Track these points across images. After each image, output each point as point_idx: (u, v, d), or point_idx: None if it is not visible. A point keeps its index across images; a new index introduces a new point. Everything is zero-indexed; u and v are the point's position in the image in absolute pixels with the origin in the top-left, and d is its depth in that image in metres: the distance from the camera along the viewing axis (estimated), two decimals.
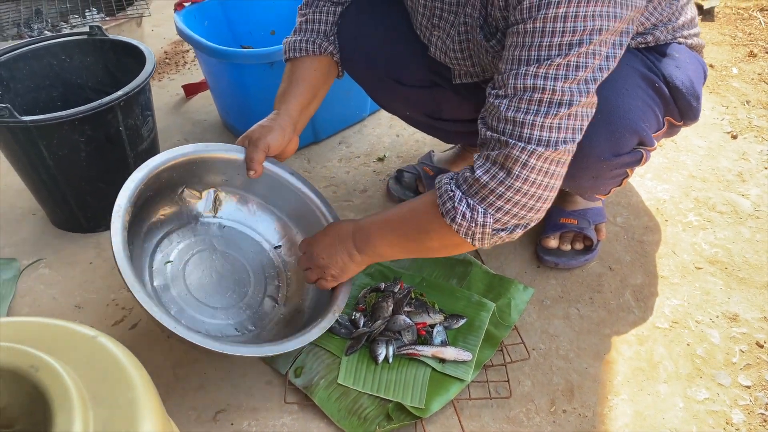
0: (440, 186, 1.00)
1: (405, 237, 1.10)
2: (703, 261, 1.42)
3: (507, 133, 0.91)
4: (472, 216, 0.95)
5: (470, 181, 0.95)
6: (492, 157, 0.92)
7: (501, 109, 0.91)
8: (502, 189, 0.92)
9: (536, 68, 0.87)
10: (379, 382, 1.15)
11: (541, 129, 0.89)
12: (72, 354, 0.59)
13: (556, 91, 0.87)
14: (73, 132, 1.37)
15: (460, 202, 0.95)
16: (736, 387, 1.16)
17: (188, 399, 1.18)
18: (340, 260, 1.17)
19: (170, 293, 1.22)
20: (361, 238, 1.14)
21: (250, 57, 1.59)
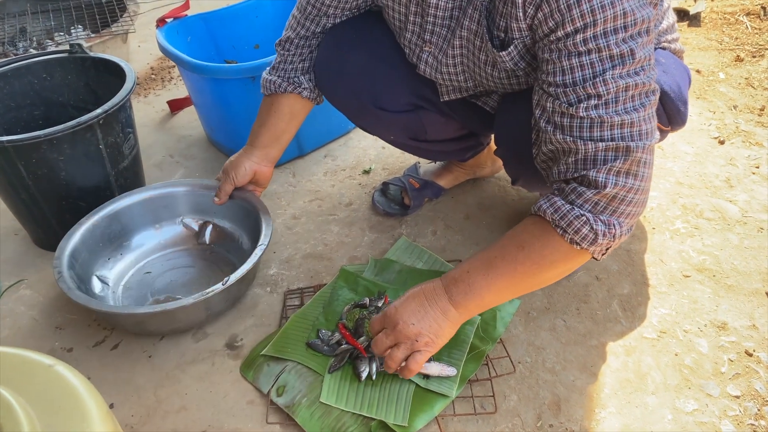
0: (562, 214, 0.92)
1: (519, 277, 0.98)
2: (690, 269, 1.41)
3: (621, 137, 0.89)
4: (610, 232, 0.91)
5: (595, 200, 0.91)
6: (616, 167, 0.89)
7: (606, 117, 0.89)
8: (631, 195, 0.91)
9: (621, 68, 0.87)
10: (362, 400, 1.13)
11: (646, 122, 0.90)
12: (27, 384, 0.57)
13: (646, 83, 0.89)
14: (51, 151, 1.35)
15: (596, 223, 0.91)
16: (725, 397, 1.14)
17: (169, 421, 1.16)
18: (434, 323, 1.02)
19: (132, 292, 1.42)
20: (461, 292, 1.00)
21: (230, 72, 1.58)
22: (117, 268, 1.45)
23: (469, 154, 1.55)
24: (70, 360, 1.29)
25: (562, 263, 0.98)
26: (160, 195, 1.50)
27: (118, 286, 1.42)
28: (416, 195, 1.61)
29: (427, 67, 1.18)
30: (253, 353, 1.25)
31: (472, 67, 1.12)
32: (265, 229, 1.34)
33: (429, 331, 1.02)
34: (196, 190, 1.51)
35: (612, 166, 0.90)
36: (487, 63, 1.08)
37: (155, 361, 1.27)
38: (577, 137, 0.91)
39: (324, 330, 1.25)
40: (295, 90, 1.31)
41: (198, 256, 1.51)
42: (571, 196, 0.93)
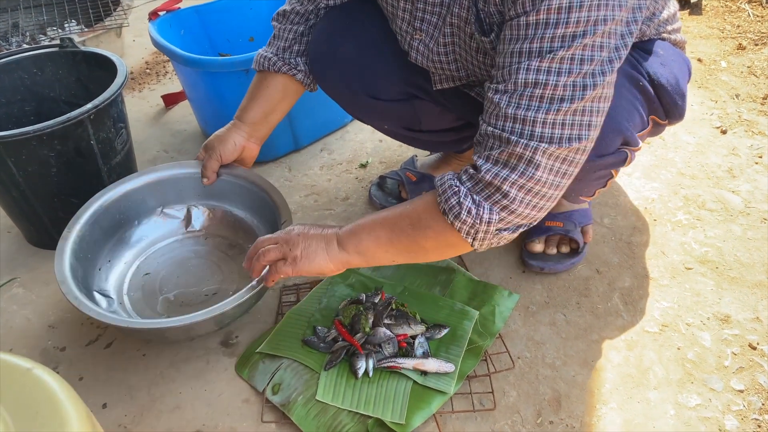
0: (443, 183, 0.94)
1: (396, 234, 1.00)
2: (693, 261, 1.38)
3: (508, 129, 0.87)
4: (478, 212, 0.89)
5: (476, 179, 0.90)
6: (494, 156, 0.88)
7: (501, 106, 0.87)
8: (506, 187, 0.88)
9: (538, 62, 0.83)
10: (358, 398, 1.11)
11: (544, 125, 0.85)
12: (3, 387, 0.55)
13: (558, 86, 0.83)
14: (41, 147, 1.33)
15: (465, 197, 0.90)
16: (729, 391, 1.12)
17: (163, 420, 1.14)
18: (313, 243, 1.04)
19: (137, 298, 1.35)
20: (346, 232, 1.04)
21: (224, 65, 1.56)
22: (112, 277, 1.37)
23: (466, 146, 1.53)
24: (63, 359, 1.27)
25: (434, 232, 0.96)
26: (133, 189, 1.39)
27: (122, 295, 1.34)
28: (413, 188, 1.58)
29: (418, 55, 1.16)
30: (248, 351, 1.23)
31: (464, 56, 1.09)
32: (282, 207, 1.30)
33: (306, 248, 1.04)
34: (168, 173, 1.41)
35: (491, 153, 0.89)
36: (478, 51, 1.05)
37: (149, 360, 1.25)
38: (481, 116, 0.92)
39: (320, 327, 1.23)
40: (289, 71, 1.26)
41: (193, 244, 1.45)
42: (461, 172, 0.94)
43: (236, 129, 1.31)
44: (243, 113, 1.31)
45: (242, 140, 1.31)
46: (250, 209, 1.43)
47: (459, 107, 1.32)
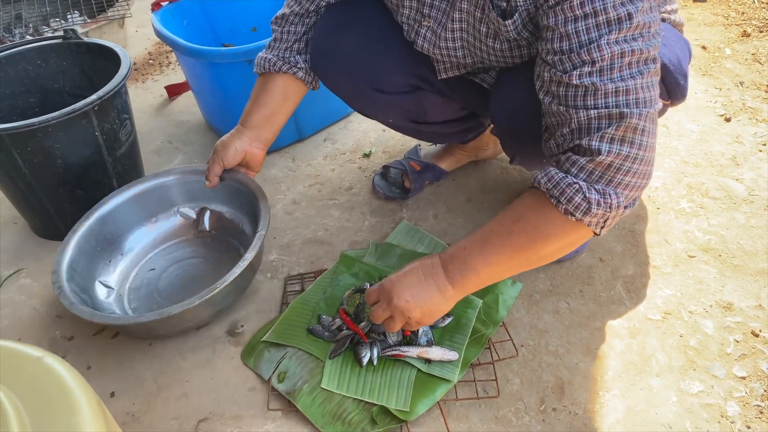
0: (555, 183, 0.90)
1: (515, 251, 0.95)
2: (696, 249, 1.39)
3: (616, 104, 0.86)
4: (606, 201, 0.87)
5: (589, 168, 0.88)
6: (610, 134, 0.86)
7: (599, 85, 0.85)
8: (628, 164, 0.87)
9: (617, 33, 0.84)
10: (363, 386, 1.12)
11: (644, 90, 0.86)
12: (15, 376, 0.56)
13: (643, 51, 0.85)
14: (46, 139, 1.34)
15: (589, 191, 0.87)
16: (731, 378, 1.13)
17: (170, 408, 1.16)
18: (429, 300, 1.01)
19: (139, 293, 1.39)
20: (457, 269, 0.99)
21: (226, 55, 1.56)
22: (119, 270, 1.40)
23: (471, 136, 1.53)
24: (71, 348, 1.29)
25: (558, 236, 0.94)
26: (150, 188, 1.44)
27: (124, 288, 1.38)
28: (417, 178, 1.59)
29: (425, 43, 1.15)
30: (254, 340, 1.25)
31: (472, 41, 1.09)
32: (263, 215, 1.29)
33: (422, 308, 1.01)
34: (187, 177, 1.46)
35: (605, 132, 0.86)
36: (488, 35, 1.04)
37: (156, 349, 1.27)
38: (571, 106, 0.89)
39: (325, 316, 1.24)
40: (289, 70, 1.27)
41: (200, 245, 1.48)
42: (566, 165, 0.90)
43: (239, 134, 1.31)
44: (246, 118, 1.31)
45: (244, 145, 1.31)
46: (247, 214, 1.43)
47: (464, 96, 1.32)
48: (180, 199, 1.49)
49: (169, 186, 1.47)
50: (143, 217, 1.46)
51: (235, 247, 1.45)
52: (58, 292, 1.19)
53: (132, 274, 1.42)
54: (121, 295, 1.37)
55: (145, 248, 1.46)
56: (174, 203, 1.49)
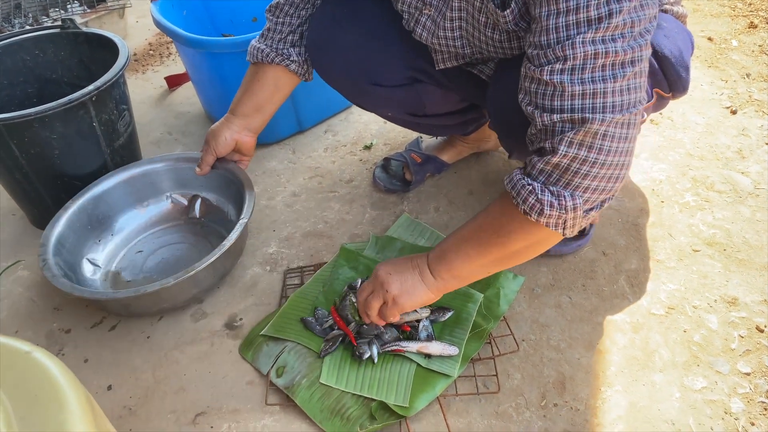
0: (513, 184, 0.91)
1: (484, 247, 0.98)
2: (700, 243, 1.37)
3: (580, 108, 0.83)
4: (560, 203, 0.87)
5: (547, 171, 0.87)
6: (568, 138, 0.84)
7: (566, 84, 0.83)
8: (586, 168, 0.85)
9: (593, 33, 0.80)
10: (362, 381, 1.11)
11: (613, 95, 0.83)
12: (3, 371, 0.55)
13: (619, 53, 0.81)
14: (43, 129, 1.32)
15: (542, 193, 0.87)
16: (735, 374, 1.11)
17: (168, 402, 1.14)
18: (409, 279, 1.04)
19: (123, 272, 1.41)
20: (435, 258, 1.03)
21: (226, 45, 1.54)
22: (107, 249, 1.44)
23: (471, 128, 1.51)
24: (68, 341, 1.28)
25: (521, 235, 0.94)
26: (143, 172, 1.47)
27: (110, 267, 1.41)
28: (418, 170, 1.57)
29: (424, 31, 1.13)
30: (253, 333, 1.23)
31: (471, 31, 1.07)
32: (248, 203, 1.31)
33: (401, 284, 1.04)
34: (179, 164, 1.49)
35: (564, 136, 0.85)
36: (486, 25, 1.02)
37: (153, 342, 1.26)
38: (539, 107, 0.87)
39: (321, 309, 1.23)
40: (282, 62, 1.26)
41: (188, 231, 1.49)
42: (528, 168, 0.90)
43: (228, 123, 1.33)
44: (236, 106, 1.32)
45: (234, 134, 1.33)
46: (235, 203, 1.45)
47: (463, 88, 1.30)
48: (171, 186, 1.51)
49: (161, 172, 1.49)
50: (135, 200, 1.49)
51: (224, 235, 1.44)
52: (42, 264, 1.22)
53: (120, 255, 1.44)
54: (107, 273, 1.39)
55: (135, 231, 1.49)
56: (165, 189, 1.51)
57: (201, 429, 1.09)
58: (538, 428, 1.05)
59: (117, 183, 1.45)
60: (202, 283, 1.27)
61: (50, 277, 1.19)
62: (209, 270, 1.22)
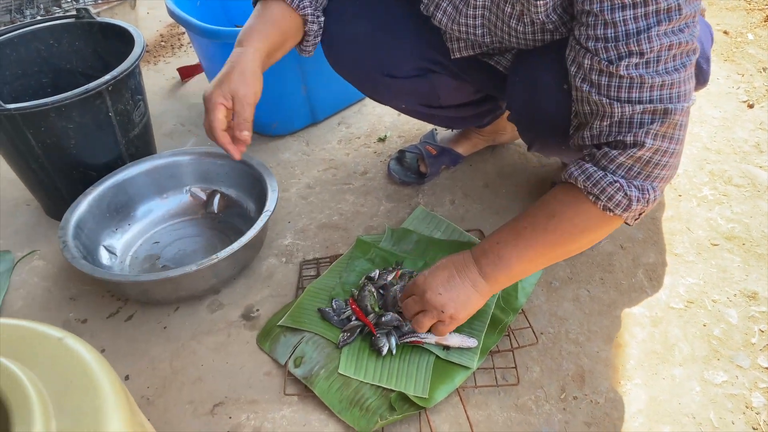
0: (595, 182, 0.89)
1: (549, 246, 0.96)
2: (719, 237, 1.36)
3: (660, 99, 0.84)
4: (644, 197, 0.88)
5: (628, 164, 0.87)
6: (653, 131, 0.85)
7: (646, 77, 0.83)
8: (666, 159, 0.87)
9: (667, 24, 0.81)
10: (381, 372, 1.11)
11: (685, 83, 0.85)
12: (36, 357, 0.55)
13: (688, 42, 0.83)
14: (60, 119, 1.32)
15: (629, 188, 0.87)
16: (756, 369, 1.11)
17: (185, 392, 1.14)
18: (462, 294, 1.00)
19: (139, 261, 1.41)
20: (490, 263, 0.99)
21: None
22: (125, 238, 1.44)
23: (487, 119, 1.50)
24: (84, 331, 1.28)
25: (594, 230, 0.95)
26: (165, 164, 1.48)
27: (126, 256, 1.41)
28: (433, 162, 1.56)
29: (444, 17, 1.11)
30: (270, 324, 1.23)
31: (494, 21, 1.05)
32: (271, 195, 1.31)
33: (456, 302, 1.00)
34: (202, 158, 1.49)
35: (649, 129, 0.85)
36: (511, 16, 1.01)
37: (170, 332, 1.25)
38: (614, 99, 0.86)
39: (338, 300, 1.23)
40: (300, 9, 1.11)
41: (206, 226, 1.49)
42: (603, 162, 0.89)
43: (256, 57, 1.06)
44: (253, 41, 1.08)
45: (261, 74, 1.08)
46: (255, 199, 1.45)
47: (477, 79, 1.29)
48: (192, 179, 1.51)
49: (184, 164, 1.49)
50: (155, 191, 1.49)
51: (241, 230, 1.43)
52: (63, 246, 1.24)
53: (137, 244, 1.44)
54: (123, 262, 1.39)
55: (153, 222, 1.49)
56: (186, 182, 1.51)
57: (219, 419, 1.09)
58: (558, 421, 1.05)
59: (139, 173, 1.45)
60: (222, 273, 1.27)
61: (70, 259, 1.20)
62: (231, 260, 1.22)
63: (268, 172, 1.38)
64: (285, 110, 1.74)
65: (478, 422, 1.05)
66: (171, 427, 1.09)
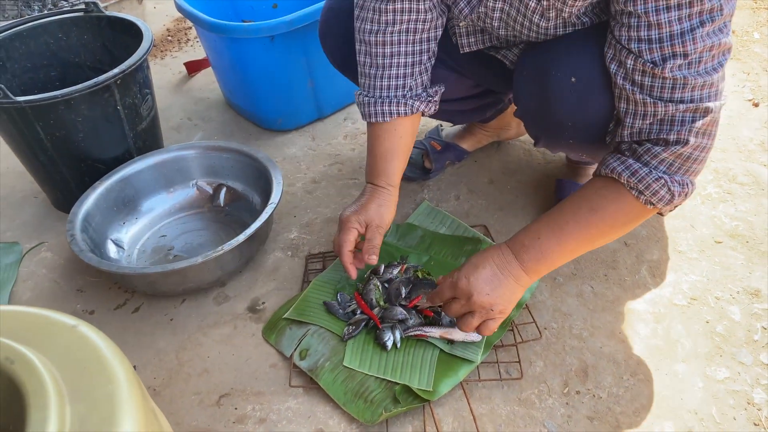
0: (639, 178, 0.91)
1: (591, 240, 0.99)
2: (723, 235, 1.36)
3: (700, 98, 0.86)
4: (684, 191, 0.91)
5: (670, 160, 0.90)
6: (696, 129, 0.87)
7: (690, 78, 0.84)
8: (703, 154, 0.91)
9: (711, 25, 0.82)
10: (385, 365, 1.12)
11: (721, 81, 0.87)
12: (51, 345, 0.56)
13: (726, 42, 0.85)
14: (69, 112, 1.33)
15: (672, 184, 0.90)
16: (758, 365, 1.11)
17: (191, 384, 1.16)
18: (508, 291, 1.00)
19: (146, 254, 1.43)
20: (532, 258, 0.99)
21: (249, 31, 1.54)
22: (132, 231, 1.45)
23: (489, 113, 1.50)
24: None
25: (633, 223, 1.00)
26: (172, 158, 1.49)
27: (134, 249, 1.42)
28: (438, 158, 1.57)
29: (466, 7, 1.09)
30: (275, 316, 1.24)
31: (514, 15, 1.04)
32: (276, 188, 1.32)
33: (503, 299, 1.01)
34: (208, 152, 1.50)
35: (692, 127, 0.87)
36: (535, 11, 1.00)
37: (177, 324, 1.27)
38: (658, 98, 0.88)
39: (343, 293, 1.24)
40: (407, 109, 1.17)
41: (212, 219, 1.50)
42: (646, 157, 0.91)
43: (393, 193, 1.20)
44: (393, 173, 1.20)
45: (393, 204, 1.21)
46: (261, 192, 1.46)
47: (477, 73, 1.29)
48: (199, 173, 1.52)
49: (191, 159, 1.50)
50: (161, 185, 1.50)
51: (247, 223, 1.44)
52: (71, 239, 1.25)
53: (144, 238, 1.46)
54: (130, 255, 1.41)
55: (160, 215, 1.50)
56: (193, 176, 1.52)
57: (225, 410, 1.11)
58: (560, 415, 1.06)
59: (146, 167, 1.46)
60: (227, 265, 1.28)
61: (78, 252, 1.21)
62: (235, 253, 1.23)
63: (274, 165, 1.39)
64: (291, 105, 1.75)
65: (482, 415, 1.06)
66: (177, 418, 1.10)
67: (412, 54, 1.14)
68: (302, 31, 1.57)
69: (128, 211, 1.46)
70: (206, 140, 1.78)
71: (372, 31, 1.12)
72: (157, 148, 1.60)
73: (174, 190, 1.52)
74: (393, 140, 1.18)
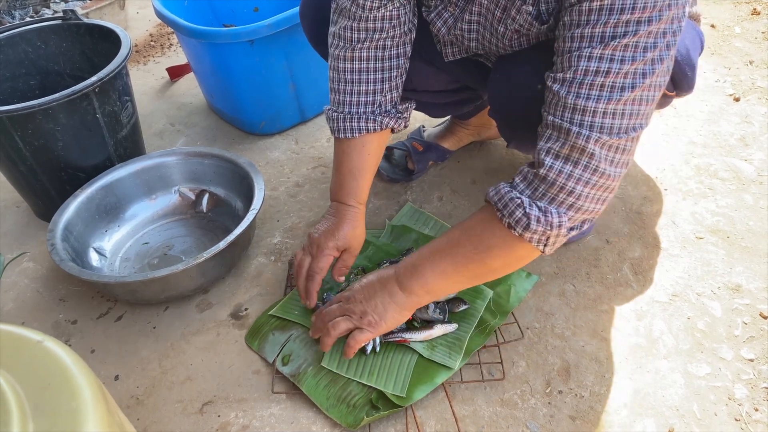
0: (501, 197, 0.90)
1: (461, 262, 0.97)
2: (704, 230, 1.37)
3: (567, 120, 0.83)
4: (547, 219, 0.86)
5: (535, 184, 0.88)
6: (554, 150, 0.85)
7: (561, 95, 0.83)
8: (571, 184, 0.85)
9: (601, 49, 0.79)
10: (362, 368, 1.11)
11: (604, 116, 0.82)
12: (15, 360, 0.56)
13: (619, 74, 0.80)
14: (47, 121, 1.33)
15: (530, 207, 0.87)
16: (739, 361, 1.12)
17: (174, 392, 1.15)
18: (379, 304, 1.02)
19: (129, 262, 1.42)
20: (407, 273, 1.01)
21: (228, 36, 1.53)
22: (114, 239, 1.45)
23: (467, 109, 1.49)
24: (74, 332, 1.28)
25: (501, 250, 0.94)
26: (154, 165, 1.49)
27: (116, 257, 1.42)
28: (420, 158, 1.57)
29: (443, 27, 1.11)
30: (258, 322, 1.24)
31: (486, 36, 1.05)
32: (257, 194, 1.32)
33: (374, 310, 1.03)
34: (190, 158, 1.50)
35: (551, 147, 0.85)
36: (504, 35, 1.01)
37: (159, 332, 1.26)
38: (545, 110, 0.88)
39: (330, 294, 1.23)
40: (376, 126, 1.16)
41: (195, 225, 1.50)
42: (517, 179, 0.91)
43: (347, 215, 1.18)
44: (360, 191, 1.19)
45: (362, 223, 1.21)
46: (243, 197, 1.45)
47: (455, 70, 1.29)
48: (181, 179, 1.52)
49: (172, 165, 1.50)
50: (143, 192, 1.50)
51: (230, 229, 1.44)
52: (51, 249, 1.25)
53: (126, 245, 1.45)
54: (113, 263, 1.40)
55: (143, 222, 1.50)
56: (174, 183, 1.52)
57: (208, 418, 1.10)
58: (543, 415, 1.06)
59: (127, 174, 1.46)
60: (209, 272, 1.27)
61: (58, 261, 1.21)
62: (217, 259, 1.23)
63: (256, 170, 1.39)
64: (273, 109, 1.74)
65: (464, 417, 1.06)
66: (160, 426, 1.09)
67: (382, 70, 1.13)
68: (283, 34, 1.56)
69: (110, 219, 1.45)
70: (188, 146, 1.77)
71: (343, 47, 1.12)
72: (138, 155, 1.59)
73: (156, 197, 1.51)
74: (362, 157, 1.17)
